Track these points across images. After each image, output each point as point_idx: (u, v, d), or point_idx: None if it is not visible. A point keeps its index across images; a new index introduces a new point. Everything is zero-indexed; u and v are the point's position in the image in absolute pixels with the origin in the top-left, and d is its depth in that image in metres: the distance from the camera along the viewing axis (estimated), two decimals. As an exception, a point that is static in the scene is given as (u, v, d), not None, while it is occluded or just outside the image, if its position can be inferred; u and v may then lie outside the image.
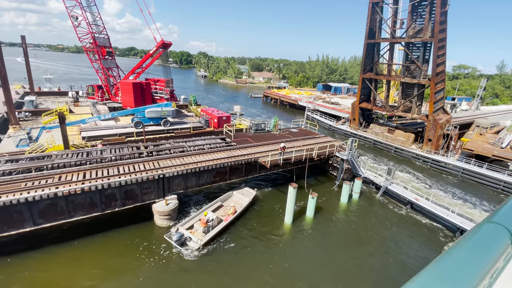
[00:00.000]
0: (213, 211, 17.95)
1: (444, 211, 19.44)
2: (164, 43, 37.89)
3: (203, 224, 15.89)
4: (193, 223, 16.83)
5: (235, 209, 18.10)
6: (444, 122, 31.05)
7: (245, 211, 19.01)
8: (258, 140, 25.39)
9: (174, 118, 33.08)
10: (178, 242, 14.88)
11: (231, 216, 17.51)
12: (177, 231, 15.41)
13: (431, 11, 27.95)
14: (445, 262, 1.10)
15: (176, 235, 14.96)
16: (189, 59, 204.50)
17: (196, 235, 15.63)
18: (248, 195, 20.34)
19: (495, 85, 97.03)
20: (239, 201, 19.75)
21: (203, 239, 15.31)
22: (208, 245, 15.61)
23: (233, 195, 20.44)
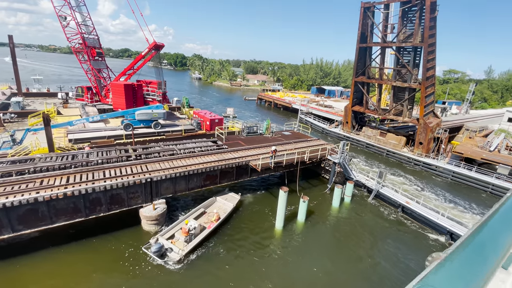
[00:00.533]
0: (196, 218, 17.28)
1: (434, 214, 19.48)
2: (156, 44, 37.47)
3: (184, 233, 15.13)
4: (174, 232, 15.91)
5: (218, 215, 17.51)
6: (434, 125, 31.39)
7: (229, 216, 18.47)
8: (250, 143, 25.16)
9: (165, 121, 32.65)
10: (157, 253, 13.95)
11: (214, 223, 16.90)
12: (156, 242, 14.54)
13: (420, 16, 28.36)
14: None
15: (155, 246, 14.05)
16: (184, 61, 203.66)
17: (177, 245, 14.84)
18: (232, 200, 19.79)
19: (483, 90, 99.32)
20: (223, 206, 19.16)
21: (185, 249, 14.52)
22: (191, 254, 14.86)
23: (216, 201, 19.81)
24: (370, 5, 32.46)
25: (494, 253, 1.20)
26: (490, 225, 1.35)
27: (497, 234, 1.31)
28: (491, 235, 1.30)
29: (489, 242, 1.24)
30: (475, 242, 1.21)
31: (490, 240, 1.26)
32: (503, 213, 1.51)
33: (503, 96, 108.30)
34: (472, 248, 1.16)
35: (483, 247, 1.19)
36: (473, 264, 1.10)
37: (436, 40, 28.98)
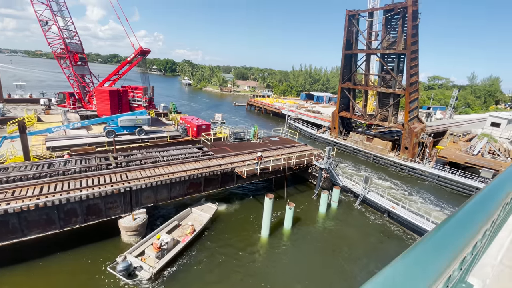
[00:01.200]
0: (169, 232, 16.34)
1: (419, 219, 19.55)
2: (142, 50, 37.08)
3: (156, 249, 14.11)
4: (144, 248, 14.76)
5: (193, 228, 16.63)
6: (419, 130, 31.96)
7: (206, 228, 17.65)
8: (237, 149, 24.84)
9: (150, 127, 32.03)
10: (124, 273, 12.78)
11: (189, 236, 16.00)
12: (124, 260, 13.39)
13: (403, 24, 29.10)
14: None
15: (122, 265, 12.87)
16: (174, 67, 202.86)
17: (148, 262, 13.85)
18: (209, 210, 18.87)
19: (466, 95, 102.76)
20: (198, 218, 18.28)
21: (156, 266, 13.54)
22: (164, 271, 13.92)
23: (192, 212, 18.89)
24: (354, 13, 33.14)
25: (448, 251, 1.29)
26: (448, 225, 1.46)
27: (451, 235, 1.39)
28: (447, 234, 1.39)
29: (444, 240, 1.34)
30: (432, 239, 1.31)
31: (445, 238, 1.36)
32: (462, 213, 1.59)
33: (486, 101, 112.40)
34: (428, 245, 1.27)
35: (438, 245, 1.28)
36: (426, 260, 1.18)
37: (418, 48, 29.73)
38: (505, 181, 2.25)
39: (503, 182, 2.22)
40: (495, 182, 2.20)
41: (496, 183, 2.17)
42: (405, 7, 27.76)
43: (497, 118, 48.27)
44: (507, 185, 2.16)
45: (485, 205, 1.78)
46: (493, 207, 1.82)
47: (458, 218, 1.55)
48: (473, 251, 1.57)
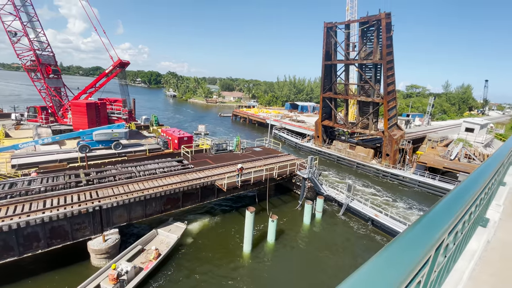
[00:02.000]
0: (130, 259, 14.66)
1: (402, 226, 19.51)
2: (121, 62, 36.36)
3: (112, 280, 12.44)
4: (99, 281, 12.82)
5: (158, 252, 15.03)
6: (398, 137, 32.67)
7: (174, 250, 16.26)
8: (219, 161, 24.21)
9: (129, 140, 30.93)
10: None
11: (153, 262, 14.56)
12: None
13: (378, 35, 30.18)
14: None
15: None
16: (159, 79, 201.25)
17: None
18: (177, 231, 17.35)
19: (442, 103, 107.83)
20: (165, 240, 16.73)
21: None
22: None
23: (158, 234, 17.26)
24: (332, 25, 34.13)
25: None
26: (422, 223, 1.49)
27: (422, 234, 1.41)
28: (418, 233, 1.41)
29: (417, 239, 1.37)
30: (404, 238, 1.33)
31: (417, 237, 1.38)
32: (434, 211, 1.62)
33: (460, 108, 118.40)
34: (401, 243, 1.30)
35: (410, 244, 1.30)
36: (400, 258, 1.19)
37: (393, 58, 30.81)
38: (474, 182, 2.28)
39: (473, 182, 2.25)
40: (464, 183, 2.20)
41: (465, 184, 2.17)
42: (379, 19, 28.88)
43: (471, 124, 50.48)
44: (477, 184, 2.22)
45: (452, 207, 1.74)
46: (461, 208, 1.81)
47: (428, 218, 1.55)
48: (445, 252, 1.60)
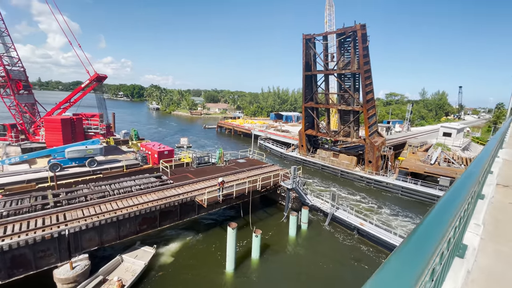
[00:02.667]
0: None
1: (387, 234, 19.35)
2: (98, 76, 35.33)
3: None
4: None
5: (121, 283, 13.47)
6: (379, 144, 33.23)
7: (142, 278, 14.76)
8: (200, 175, 23.40)
9: (106, 156, 29.58)
10: None
11: None
12: None
13: (355, 46, 31.10)
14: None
15: None
16: (142, 92, 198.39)
17: None
18: (144, 256, 15.78)
19: (420, 109, 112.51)
20: (130, 267, 15.07)
21: None
22: None
23: (122, 261, 15.58)
24: (310, 36, 34.94)
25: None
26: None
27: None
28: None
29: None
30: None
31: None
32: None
33: (438, 114, 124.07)
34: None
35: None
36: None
37: (370, 67, 31.72)
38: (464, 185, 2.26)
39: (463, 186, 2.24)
40: (455, 186, 2.21)
41: (456, 187, 2.19)
42: (355, 31, 29.83)
43: (448, 129, 52.52)
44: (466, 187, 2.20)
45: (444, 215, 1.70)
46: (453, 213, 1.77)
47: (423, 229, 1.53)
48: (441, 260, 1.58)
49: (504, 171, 6.10)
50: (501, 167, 6.33)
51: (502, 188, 4.85)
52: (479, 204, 3.39)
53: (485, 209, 3.41)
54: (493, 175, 4.94)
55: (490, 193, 4.04)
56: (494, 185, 4.61)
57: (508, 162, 7.22)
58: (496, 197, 4.30)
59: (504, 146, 10.08)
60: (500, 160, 6.56)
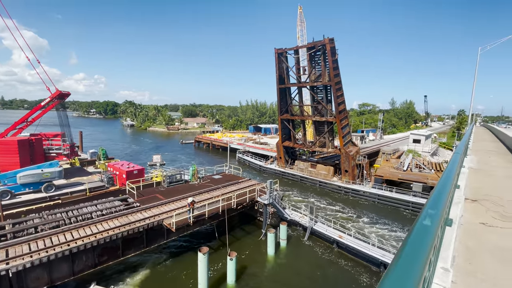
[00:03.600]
0: None
1: (366, 245, 19.01)
2: (61, 93, 33.20)
3: None
4: None
5: None
6: (354, 153, 33.74)
7: None
8: (171, 195, 21.92)
9: (68, 180, 27.21)
10: None
11: None
12: None
13: (325, 59, 31.97)
14: None
15: None
16: (115, 108, 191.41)
17: None
18: None
19: (391, 118, 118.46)
20: None
21: None
22: None
23: None
24: (282, 50, 35.56)
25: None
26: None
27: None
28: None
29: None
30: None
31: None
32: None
33: (407, 121, 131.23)
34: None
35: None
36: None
37: (341, 79, 32.65)
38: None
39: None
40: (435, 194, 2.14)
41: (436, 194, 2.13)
42: (324, 44, 30.74)
43: (417, 135, 55.19)
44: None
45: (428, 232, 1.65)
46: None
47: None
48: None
49: (471, 182, 5.80)
50: (468, 178, 6.06)
51: (470, 204, 4.45)
52: (447, 234, 2.84)
53: (454, 239, 2.86)
54: (461, 190, 4.54)
55: (458, 214, 3.56)
56: (462, 202, 4.18)
57: (474, 171, 7.04)
58: (465, 216, 3.85)
59: (468, 153, 10.17)
60: (466, 171, 6.31)
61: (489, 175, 6.48)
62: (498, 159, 9.73)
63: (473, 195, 4.89)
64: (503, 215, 3.84)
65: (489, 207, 4.16)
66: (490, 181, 6.05)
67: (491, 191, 5.10)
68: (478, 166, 7.47)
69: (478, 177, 6.45)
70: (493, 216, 3.81)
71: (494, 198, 4.61)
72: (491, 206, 4.21)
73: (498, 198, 4.60)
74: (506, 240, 3.17)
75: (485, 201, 4.45)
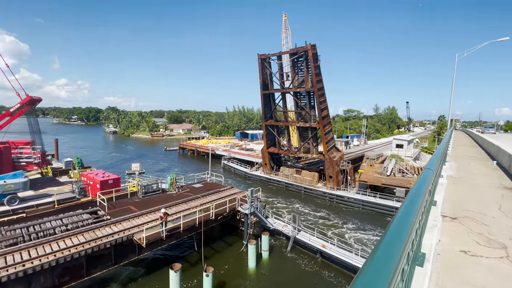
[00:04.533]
0: None
1: (349, 255, 18.46)
2: (32, 99, 31.43)
3: None
4: None
5: None
6: (338, 159, 33.58)
7: None
8: (146, 207, 20.61)
9: (36, 191, 25.28)
10: None
11: None
12: None
13: (307, 65, 31.90)
14: None
15: None
16: (98, 115, 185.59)
17: None
18: None
19: (375, 123, 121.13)
20: None
21: None
22: None
23: None
24: (265, 56, 35.30)
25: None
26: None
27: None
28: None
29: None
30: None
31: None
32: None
33: (390, 127, 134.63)
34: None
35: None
36: None
37: (323, 85, 32.63)
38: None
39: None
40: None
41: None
42: (306, 50, 30.70)
43: (399, 140, 56.20)
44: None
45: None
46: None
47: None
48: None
49: (450, 194, 5.27)
50: (446, 189, 5.53)
51: (449, 223, 3.86)
52: (417, 276, 2.15)
53: (428, 280, 2.18)
54: (438, 207, 3.93)
55: (434, 240, 2.92)
56: (439, 222, 3.57)
57: (453, 180, 6.55)
58: (443, 242, 3.23)
59: (447, 159, 9.82)
60: (444, 181, 5.80)
61: (470, 185, 6.02)
62: (478, 166, 9.44)
63: (453, 211, 4.33)
64: (488, 238, 3.27)
65: (472, 228, 3.59)
66: (471, 192, 5.56)
67: (473, 205, 4.58)
68: (458, 174, 7.03)
69: (458, 187, 5.96)
70: (476, 240, 3.22)
71: (477, 215, 4.07)
72: (473, 226, 3.64)
73: (481, 215, 4.07)
74: (493, 276, 2.54)
75: (466, 219, 3.89)
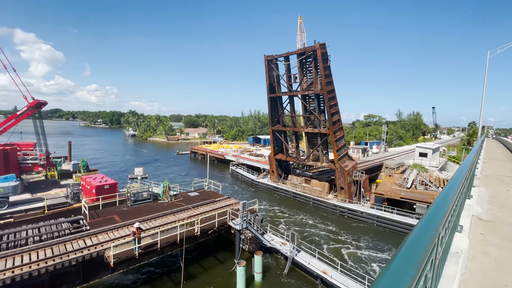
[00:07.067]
0: None
1: (355, 285, 15.63)
2: (38, 102, 31.99)
3: None
4: None
5: None
6: (350, 168, 30.48)
7: None
8: (131, 217, 19.18)
9: (34, 195, 25.06)
10: None
11: None
12: None
13: (316, 66, 29.42)
14: None
15: None
16: (120, 119, 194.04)
17: None
18: None
19: (397, 130, 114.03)
20: None
21: None
22: None
23: None
24: (272, 57, 33.29)
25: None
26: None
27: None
28: None
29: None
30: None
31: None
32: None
33: (415, 134, 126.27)
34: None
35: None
36: None
37: (334, 87, 29.91)
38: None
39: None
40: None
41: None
42: (314, 50, 28.28)
43: (423, 149, 51.28)
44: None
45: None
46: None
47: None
48: None
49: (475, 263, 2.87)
50: (470, 246, 3.12)
51: None
52: None
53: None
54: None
55: None
56: None
57: (482, 224, 4.04)
58: None
59: (475, 183, 7.14)
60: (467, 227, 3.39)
61: (510, 239, 3.55)
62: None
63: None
64: None
65: None
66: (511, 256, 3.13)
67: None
68: (489, 214, 4.51)
69: (489, 241, 3.53)
70: None
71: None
72: None
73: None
74: None
75: None
